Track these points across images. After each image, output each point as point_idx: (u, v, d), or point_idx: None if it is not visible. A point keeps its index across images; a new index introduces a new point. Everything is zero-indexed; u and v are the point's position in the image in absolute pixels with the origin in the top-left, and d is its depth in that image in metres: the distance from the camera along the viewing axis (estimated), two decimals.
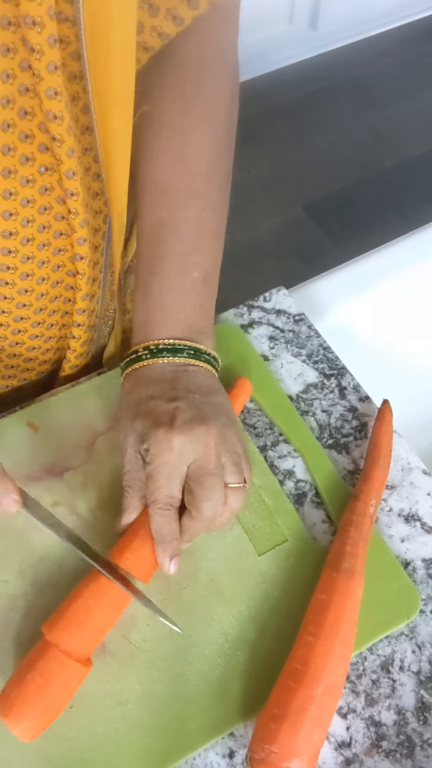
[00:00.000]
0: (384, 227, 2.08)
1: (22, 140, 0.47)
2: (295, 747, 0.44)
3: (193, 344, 0.54)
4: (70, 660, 0.46)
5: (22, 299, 0.58)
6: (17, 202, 0.50)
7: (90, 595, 0.48)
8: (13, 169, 0.48)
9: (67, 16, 0.43)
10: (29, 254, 0.54)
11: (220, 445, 0.49)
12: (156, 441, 0.48)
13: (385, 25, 2.67)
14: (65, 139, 0.47)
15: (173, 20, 0.49)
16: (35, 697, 0.45)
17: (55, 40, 0.42)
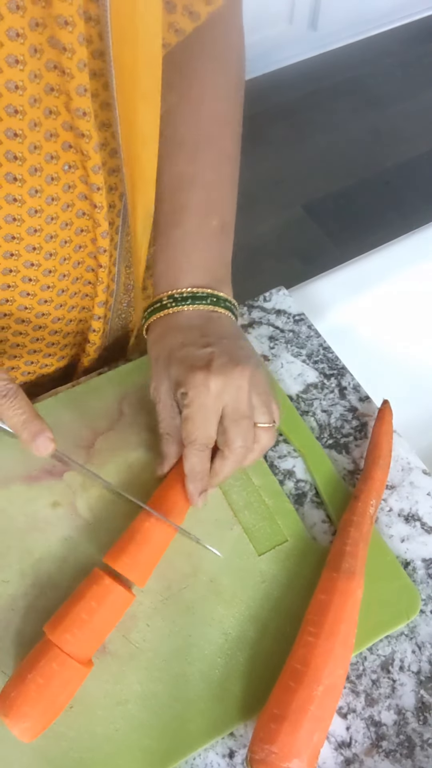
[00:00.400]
0: (384, 227, 2.08)
1: (47, 139, 0.48)
2: (295, 747, 0.44)
3: (214, 292, 0.55)
4: (72, 660, 0.46)
5: (44, 295, 0.59)
6: (42, 199, 0.51)
7: (93, 597, 0.48)
8: (39, 166, 0.49)
9: (91, 16, 0.44)
10: (52, 251, 0.56)
11: (252, 386, 0.51)
12: (194, 384, 0.50)
13: (385, 25, 2.67)
14: (93, 134, 0.48)
15: (189, 16, 0.50)
16: (36, 696, 0.45)
17: (84, 38, 0.44)
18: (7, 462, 0.58)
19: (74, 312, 0.64)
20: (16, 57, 0.42)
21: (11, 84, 0.43)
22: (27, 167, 0.48)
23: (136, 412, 0.61)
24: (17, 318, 0.60)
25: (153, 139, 0.51)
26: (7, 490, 0.57)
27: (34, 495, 0.57)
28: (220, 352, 0.52)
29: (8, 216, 0.51)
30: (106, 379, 0.64)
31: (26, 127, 0.46)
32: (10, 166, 0.48)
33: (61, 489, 0.57)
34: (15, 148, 0.47)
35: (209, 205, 0.56)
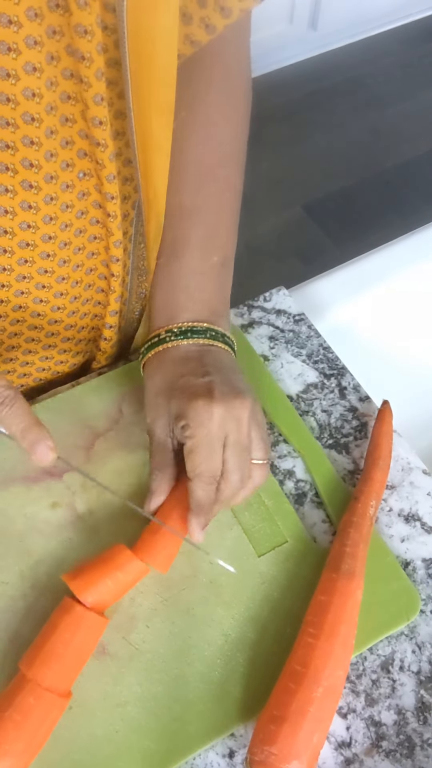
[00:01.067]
0: (384, 227, 2.08)
1: (63, 146, 0.48)
2: (294, 749, 0.43)
3: (212, 326, 0.55)
4: (50, 694, 0.45)
5: (57, 302, 0.59)
6: (57, 206, 0.51)
7: (66, 627, 0.47)
8: (55, 174, 0.49)
9: (107, 25, 0.44)
10: (66, 258, 0.56)
11: (251, 418, 0.51)
12: (196, 413, 0.49)
13: (385, 25, 2.67)
14: (109, 143, 0.48)
15: (206, 28, 0.50)
16: (14, 734, 0.44)
17: (102, 47, 0.44)
18: (6, 463, 0.58)
19: (86, 319, 0.64)
20: (33, 65, 0.42)
21: (28, 92, 0.43)
22: (43, 174, 0.48)
23: (136, 413, 0.61)
24: (30, 324, 0.60)
25: (167, 149, 0.51)
26: (7, 492, 0.57)
27: (33, 496, 0.57)
28: (219, 381, 0.51)
29: (23, 223, 0.51)
30: (106, 380, 0.64)
31: (43, 134, 0.46)
32: (26, 174, 0.48)
33: (61, 490, 0.57)
34: (32, 155, 0.47)
35: (211, 240, 0.56)
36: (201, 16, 0.50)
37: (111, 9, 0.44)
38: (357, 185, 2.23)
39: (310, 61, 2.57)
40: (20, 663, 0.46)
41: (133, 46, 0.44)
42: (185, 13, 0.49)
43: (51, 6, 0.41)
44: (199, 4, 0.49)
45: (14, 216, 0.50)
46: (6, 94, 0.43)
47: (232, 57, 0.56)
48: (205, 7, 0.49)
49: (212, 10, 0.49)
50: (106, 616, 0.51)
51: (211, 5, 0.49)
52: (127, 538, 0.55)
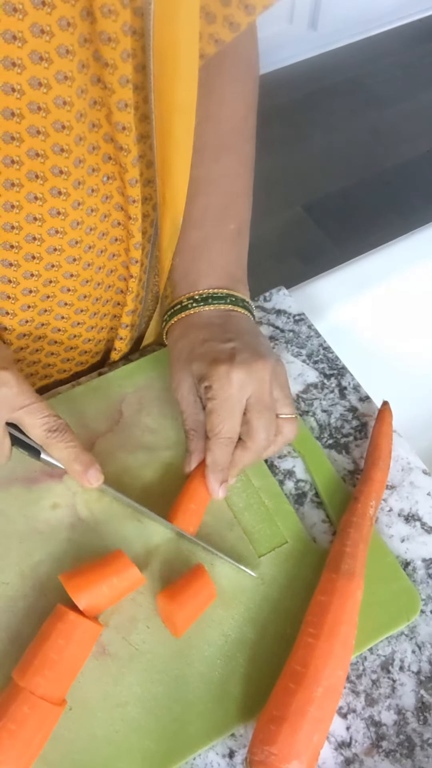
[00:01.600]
0: (384, 227, 2.08)
1: (90, 152, 0.49)
2: (294, 749, 0.43)
3: (232, 292, 0.56)
4: (44, 702, 0.45)
5: (80, 305, 0.60)
6: (83, 211, 0.52)
7: (59, 635, 0.47)
8: (82, 179, 0.50)
9: (135, 29, 0.44)
10: (90, 261, 0.56)
11: (273, 379, 0.52)
12: (218, 377, 0.51)
13: (385, 25, 2.67)
14: (131, 148, 0.49)
15: (230, 27, 0.50)
16: (9, 744, 0.43)
17: (128, 54, 0.44)
18: (7, 464, 0.58)
19: (105, 320, 0.65)
20: (65, 74, 0.42)
21: (60, 100, 0.43)
22: (72, 181, 0.49)
23: (136, 413, 0.61)
24: (54, 327, 0.61)
25: (187, 150, 0.51)
26: (7, 492, 0.57)
27: (34, 497, 0.57)
28: (241, 346, 0.52)
29: (51, 229, 0.51)
30: (106, 380, 0.64)
31: (72, 141, 0.46)
32: (55, 181, 0.48)
33: (61, 491, 0.57)
34: (61, 162, 0.47)
35: (227, 209, 0.58)
36: (225, 15, 0.50)
37: (140, 14, 0.44)
38: (357, 185, 2.23)
39: (310, 61, 2.57)
40: (13, 672, 0.46)
41: (158, 48, 0.45)
42: (209, 12, 0.49)
43: (83, 15, 0.41)
44: (223, 3, 0.49)
45: (43, 223, 0.50)
46: (37, 102, 0.43)
47: (241, 42, 0.56)
48: (229, 6, 0.50)
49: (236, 8, 0.50)
50: (107, 616, 0.51)
51: (234, 3, 0.49)
52: (127, 538, 0.55)
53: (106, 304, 0.63)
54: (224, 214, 0.57)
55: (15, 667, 0.47)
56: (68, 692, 0.48)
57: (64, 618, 0.47)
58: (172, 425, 0.61)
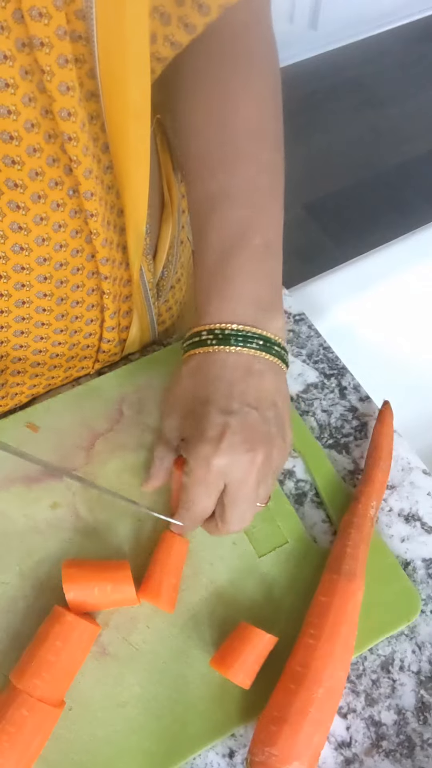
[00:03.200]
0: (384, 227, 2.08)
1: (50, 164, 0.45)
2: (295, 750, 0.43)
3: (264, 333, 0.50)
4: (42, 704, 0.45)
5: (59, 325, 0.57)
6: (49, 227, 0.48)
7: (57, 636, 0.47)
8: (43, 194, 0.46)
9: (80, 34, 0.42)
10: (63, 279, 0.53)
11: (261, 471, 0.48)
12: (197, 457, 0.47)
13: (385, 25, 2.67)
14: (81, 159, 0.45)
15: (185, 28, 0.47)
16: (8, 746, 0.43)
17: (66, 60, 0.41)
18: (7, 463, 0.58)
19: (79, 336, 0.62)
20: (6, 81, 0.40)
21: (3, 109, 0.41)
22: (29, 194, 0.46)
23: (136, 413, 0.61)
24: (34, 349, 0.59)
25: (144, 157, 0.48)
26: (7, 492, 0.57)
27: (34, 496, 0.57)
28: (236, 425, 0.47)
29: (15, 245, 0.48)
30: (106, 380, 0.64)
31: (24, 152, 0.44)
32: (11, 194, 0.45)
33: (61, 490, 0.57)
34: (14, 174, 0.44)
35: (248, 222, 0.51)
36: (179, 15, 0.47)
37: (81, 16, 0.41)
38: (357, 185, 2.23)
39: (310, 60, 2.57)
40: (11, 674, 0.46)
41: (103, 54, 0.42)
42: (163, 12, 0.46)
43: (16, 18, 0.38)
44: (177, 3, 0.46)
45: (5, 240, 0.48)
46: None
47: (254, 37, 0.53)
48: (183, 6, 0.47)
49: (190, 8, 0.47)
50: (107, 616, 0.51)
51: (188, 3, 0.46)
52: (127, 538, 0.55)
53: (86, 323, 0.60)
54: (246, 229, 0.51)
55: (13, 669, 0.47)
56: (68, 692, 0.48)
57: (61, 619, 0.47)
58: None
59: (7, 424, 0.61)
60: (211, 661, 0.49)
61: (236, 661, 0.47)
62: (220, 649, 0.49)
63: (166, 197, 0.66)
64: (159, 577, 0.50)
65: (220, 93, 0.52)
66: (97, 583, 0.49)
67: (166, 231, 0.66)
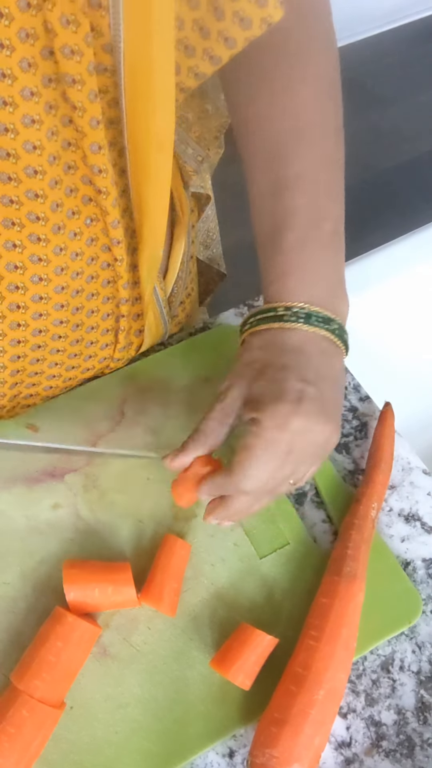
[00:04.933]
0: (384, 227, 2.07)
1: (68, 195, 0.47)
2: (296, 751, 0.43)
3: (337, 318, 0.50)
4: (43, 705, 0.45)
5: (73, 350, 0.58)
6: (67, 256, 0.50)
7: (57, 637, 0.47)
8: (62, 224, 0.48)
9: (106, 67, 0.43)
10: (78, 305, 0.54)
11: (324, 447, 0.48)
12: (274, 415, 0.45)
13: (385, 25, 2.67)
14: (110, 190, 0.47)
15: (210, 60, 0.47)
16: (8, 747, 0.44)
17: (95, 95, 0.42)
18: (7, 464, 0.58)
19: (94, 360, 0.63)
20: (32, 117, 0.41)
21: (29, 145, 0.42)
22: (50, 226, 0.47)
23: (137, 414, 0.61)
24: (49, 374, 0.59)
25: (164, 187, 0.49)
26: (8, 492, 0.57)
27: (35, 497, 0.57)
28: (314, 395, 0.46)
29: (35, 276, 0.49)
30: (108, 381, 0.64)
31: (47, 186, 0.45)
32: (33, 227, 0.46)
33: (62, 491, 0.57)
34: (37, 208, 0.45)
35: (319, 207, 0.51)
36: (204, 48, 0.47)
37: (109, 50, 0.42)
38: (357, 185, 2.22)
39: None
40: (12, 675, 0.46)
41: (130, 84, 0.43)
42: (188, 45, 0.46)
43: (44, 55, 0.39)
44: (202, 36, 0.46)
45: (24, 270, 0.48)
46: (5, 149, 0.41)
47: (305, 35, 0.53)
48: (209, 38, 0.47)
49: (215, 42, 0.47)
50: (107, 617, 0.51)
51: (214, 36, 0.46)
52: (128, 539, 0.55)
53: (103, 348, 0.61)
54: (316, 212, 0.51)
55: (13, 670, 0.47)
56: (69, 693, 0.48)
57: (62, 620, 0.48)
58: (174, 426, 0.61)
59: (8, 425, 0.61)
60: (211, 663, 0.49)
61: (236, 662, 0.47)
62: (220, 650, 0.49)
63: (179, 213, 0.66)
64: (161, 581, 0.50)
65: (282, 85, 0.52)
66: (97, 584, 0.49)
67: (178, 248, 0.66)
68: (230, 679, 0.47)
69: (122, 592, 0.49)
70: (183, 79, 0.48)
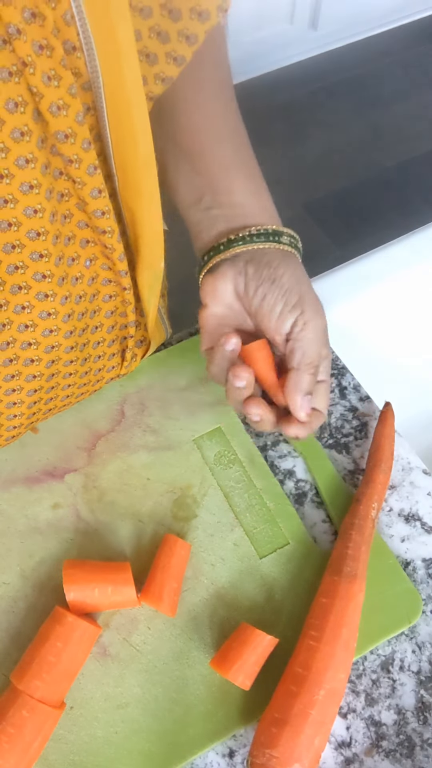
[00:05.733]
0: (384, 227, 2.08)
1: (66, 244, 0.48)
2: (296, 752, 0.43)
3: (292, 233, 0.56)
4: (43, 705, 0.45)
5: (83, 369, 0.58)
6: (72, 301, 0.51)
7: (57, 637, 0.47)
8: (65, 275, 0.48)
9: (89, 106, 0.43)
10: (84, 327, 0.55)
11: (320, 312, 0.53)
12: (312, 304, 0.51)
13: (385, 25, 2.67)
14: (114, 228, 0.48)
15: (174, 61, 0.49)
16: (8, 747, 0.44)
17: (89, 143, 0.42)
18: (7, 464, 0.59)
19: (112, 372, 0.63)
20: (30, 183, 0.41)
21: (30, 210, 0.42)
22: (56, 280, 0.47)
23: (138, 414, 0.61)
24: (63, 396, 0.59)
25: (156, 196, 0.50)
26: (8, 492, 0.57)
27: (35, 497, 0.57)
28: (307, 288, 0.52)
29: (43, 312, 0.50)
30: None
31: (50, 244, 0.45)
32: (40, 286, 0.47)
33: (62, 491, 0.57)
34: (42, 267, 0.46)
35: (248, 163, 0.57)
36: (166, 52, 0.48)
37: (88, 87, 0.42)
38: (357, 185, 2.23)
39: (310, 60, 2.57)
40: (12, 675, 0.46)
41: (113, 119, 0.44)
42: (149, 53, 0.48)
43: (35, 118, 0.39)
44: (161, 41, 0.47)
45: (32, 308, 0.49)
46: (7, 220, 0.42)
47: (217, 54, 0.55)
48: (168, 42, 0.48)
49: (177, 42, 0.48)
50: (107, 617, 0.51)
51: (174, 38, 0.48)
52: (128, 539, 0.55)
53: (112, 358, 0.61)
54: (247, 167, 0.57)
55: (13, 670, 0.47)
56: (69, 693, 0.48)
57: (62, 620, 0.48)
58: (174, 426, 0.61)
59: None
60: (211, 663, 0.49)
61: (236, 662, 0.47)
62: (220, 650, 0.49)
63: None
64: (161, 581, 0.50)
65: (193, 102, 0.54)
66: (97, 584, 0.49)
67: None
68: (230, 679, 0.47)
69: (122, 592, 0.49)
70: (151, 88, 0.49)
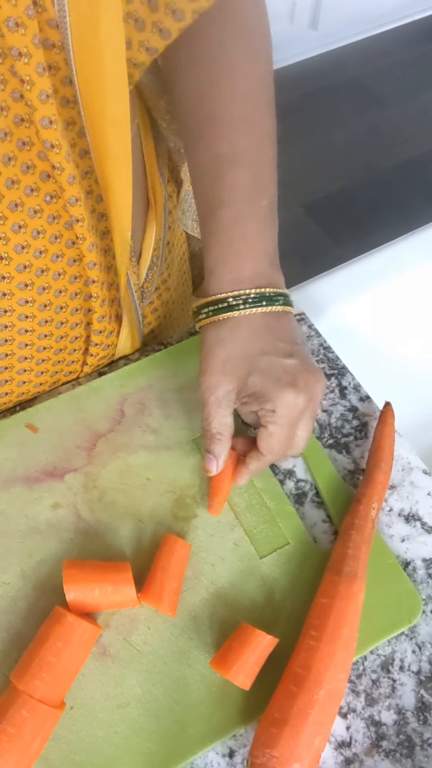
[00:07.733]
0: (384, 227, 2.08)
1: (24, 172, 0.47)
2: (296, 752, 0.43)
3: (282, 291, 0.54)
4: (43, 705, 0.45)
5: (42, 330, 0.58)
6: (28, 234, 0.50)
7: (57, 637, 0.47)
8: (20, 201, 0.48)
9: (54, 43, 0.42)
10: (45, 285, 0.54)
11: (320, 394, 0.54)
12: (283, 403, 0.51)
13: (385, 25, 2.67)
14: (65, 166, 0.46)
15: (160, 33, 0.48)
16: (8, 747, 0.43)
17: (44, 68, 0.41)
18: (7, 464, 0.59)
19: (77, 342, 0.63)
20: None
21: None
22: (6, 203, 0.47)
23: (137, 414, 0.61)
24: (19, 369, 0.59)
25: (125, 164, 0.49)
26: (8, 492, 0.57)
27: (35, 497, 0.57)
28: (300, 363, 0.52)
29: None
30: (107, 380, 0.64)
31: (3, 185, 0.45)
32: None
33: (62, 491, 0.57)
34: None
35: (257, 184, 0.54)
36: (153, 21, 0.47)
37: (54, 25, 0.42)
38: (357, 185, 2.23)
39: (310, 60, 2.57)
40: (12, 675, 0.46)
41: (79, 61, 0.43)
42: (137, 18, 0.47)
43: None
44: (151, 8, 0.47)
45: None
46: None
47: (249, 13, 0.55)
48: (157, 11, 0.47)
49: (163, 14, 0.47)
50: (107, 617, 0.51)
51: (162, 9, 0.47)
52: (128, 539, 0.55)
53: (75, 327, 0.61)
54: (254, 189, 0.53)
55: (13, 670, 0.47)
56: (69, 693, 0.48)
57: (62, 620, 0.47)
58: (174, 425, 0.61)
59: (7, 425, 0.61)
60: (211, 663, 0.49)
61: (236, 662, 0.47)
62: (220, 650, 0.49)
63: (151, 200, 0.67)
64: (161, 581, 0.50)
65: (221, 63, 0.53)
66: (97, 584, 0.49)
67: (150, 234, 0.67)
68: (230, 679, 0.47)
69: (122, 592, 0.49)
70: (135, 54, 0.48)
